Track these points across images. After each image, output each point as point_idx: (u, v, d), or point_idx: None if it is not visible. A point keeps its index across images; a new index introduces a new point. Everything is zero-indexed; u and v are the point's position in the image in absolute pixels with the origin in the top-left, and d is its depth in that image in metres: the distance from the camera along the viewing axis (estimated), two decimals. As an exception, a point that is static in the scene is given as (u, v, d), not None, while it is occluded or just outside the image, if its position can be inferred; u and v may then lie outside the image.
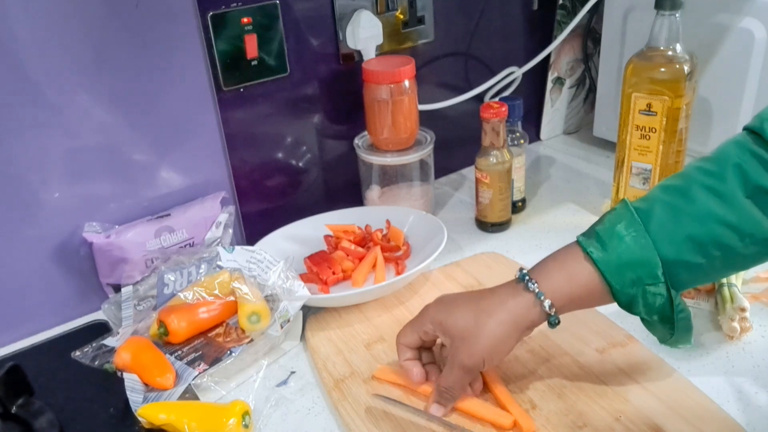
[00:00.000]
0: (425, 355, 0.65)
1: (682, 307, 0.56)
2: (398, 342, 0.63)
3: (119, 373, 0.66)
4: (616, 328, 0.70)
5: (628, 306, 0.57)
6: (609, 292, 0.56)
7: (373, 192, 0.96)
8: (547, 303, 0.57)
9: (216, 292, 0.72)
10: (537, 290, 0.57)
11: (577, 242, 0.58)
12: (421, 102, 0.93)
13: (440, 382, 0.60)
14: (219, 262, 0.75)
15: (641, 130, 0.83)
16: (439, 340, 0.64)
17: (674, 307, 0.55)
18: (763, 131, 0.54)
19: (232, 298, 0.72)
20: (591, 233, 0.58)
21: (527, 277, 0.58)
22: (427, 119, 0.96)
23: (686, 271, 0.55)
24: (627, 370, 0.64)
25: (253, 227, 0.92)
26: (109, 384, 0.66)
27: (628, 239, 0.55)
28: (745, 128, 0.57)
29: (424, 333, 0.61)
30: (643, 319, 0.59)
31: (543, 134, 1.21)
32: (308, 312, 0.77)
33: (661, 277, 0.54)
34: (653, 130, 0.83)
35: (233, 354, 0.67)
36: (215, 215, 0.85)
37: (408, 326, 0.63)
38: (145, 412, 0.61)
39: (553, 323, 0.58)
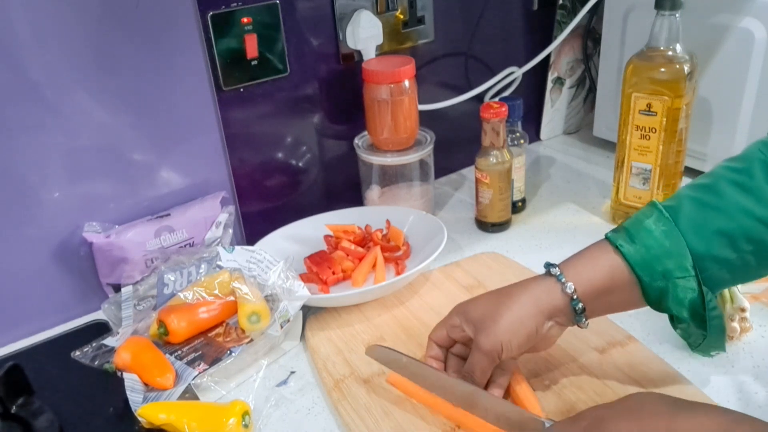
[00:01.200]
0: (454, 362, 0.64)
1: (714, 305, 0.56)
2: (429, 338, 0.64)
3: (119, 373, 0.66)
4: (616, 328, 0.70)
5: (658, 301, 0.57)
6: (638, 285, 0.56)
7: (373, 192, 0.96)
8: (569, 285, 0.56)
9: (216, 292, 0.72)
10: (558, 273, 0.57)
11: (606, 237, 0.58)
12: (421, 102, 0.93)
13: (464, 368, 0.60)
14: (219, 262, 0.75)
15: (641, 130, 0.83)
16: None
17: (706, 304, 0.55)
18: None
19: (232, 298, 0.72)
20: (619, 229, 0.58)
21: (551, 264, 0.59)
22: (427, 119, 0.96)
23: (717, 266, 0.55)
24: (627, 370, 0.64)
25: (253, 227, 0.92)
26: (109, 384, 0.66)
27: (657, 233, 0.55)
28: None
29: (451, 327, 0.61)
30: (674, 321, 0.59)
31: (543, 134, 1.21)
32: (308, 312, 0.77)
33: (692, 270, 0.54)
34: (653, 130, 0.83)
35: (233, 354, 0.67)
36: (215, 215, 0.85)
37: (438, 323, 0.63)
38: (145, 412, 0.61)
39: (577, 309, 0.57)
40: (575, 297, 0.56)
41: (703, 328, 0.57)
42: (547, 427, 0.52)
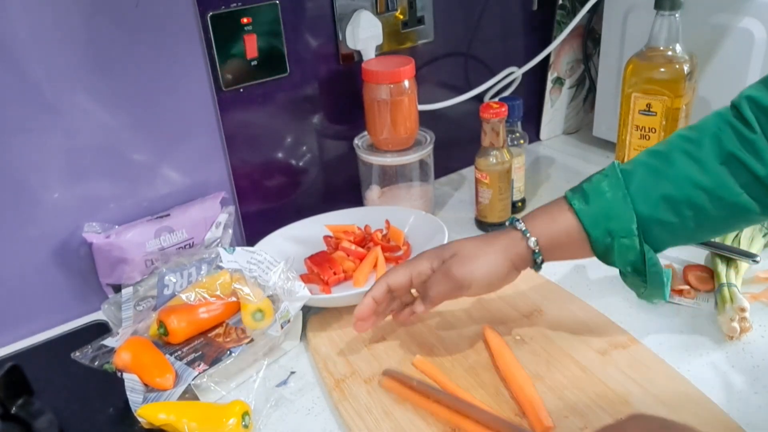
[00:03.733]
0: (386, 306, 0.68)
1: (654, 261, 0.61)
2: (382, 278, 0.66)
3: (119, 374, 0.66)
4: (617, 330, 0.70)
5: (604, 255, 0.62)
6: (587, 240, 0.62)
7: (373, 192, 0.96)
8: (532, 240, 0.63)
9: (217, 292, 0.72)
10: (523, 228, 0.63)
11: (564, 196, 0.64)
12: (421, 102, 0.93)
13: (428, 287, 0.64)
14: (220, 263, 0.75)
15: (641, 130, 0.84)
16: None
17: (646, 261, 0.60)
18: (740, 106, 0.59)
19: (233, 299, 0.71)
20: (578, 188, 0.64)
21: (516, 219, 0.65)
22: (427, 119, 0.96)
23: (660, 228, 0.60)
24: (628, 371, 0.64)
25: (253, 227, 0.92)
26: (109, 384, 0.66)
27: (608, 195, 0.61)
28: (731, 102, 0.62)
29: (418, 274, 0.65)
30: (620, 273, 0.64)
31: (543, 134, 1.21)
32: (309, 312, 0.77)
33: (635, 231, 0.59)
34: (653, 130, 0.83)
35: (233, 354, 0.67)
36: (215, 215, 0.85)
37: (401, 267, 0.66)
38: (144, 412, 0.61)
39: (538, 261, 0.64)
40: (537, 250, 0.63)
41: (644, 280, 0.62)
42: None
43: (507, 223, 0.66)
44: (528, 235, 0.63)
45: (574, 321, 0.71)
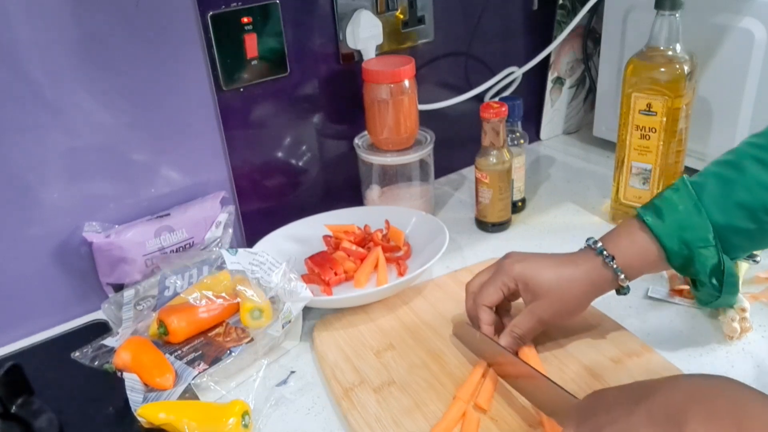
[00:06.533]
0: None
1: (732, 271, 0.62)
2: (480, 303, 0.66)
3: (119, 373, 0.66)
4: (631, 338, 0.68)
5: (683, 268, 0.63)
6: (664, 254, 0.62)
7: (373, 192, 0.96)
8: (622, 275, 0.62)
9: (218, 293, 0.72)
10: (615, 266, 0.62)
11: (637, 213, 0.64)
12: (421, 102, 0.93)
13: (515, 328, 0.65)
14: (223, 265, 0.75)
15: (641, 130, 0.83)
16: None
17: (725, 270, 0.61)
18: None
19: (235, 299, 0.71)
20: (649, 205, 0.64)
21: (604, 252, 0.63)
22: (427, 119, 0.96)
23: (737, 236, 0.60)
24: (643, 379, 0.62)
25: (253, 227, 0.92)
26: (109, 384, 0.66)
27: (681, 207, 0.61)
28: None
29: (507, 289, 0.65)
30: (696, 285, 0.65)
31: (543, 134, 1.21)
32: (309, 312, 0.77)
33: (712, 241, 0.60)
34: (653, 130, 0.83)
35: (233, 354, 0.67)
36: (215, 215, 0.85)
37: (489, 285, 0.66)
38: (144, 411, 0.61)
39: (624, 287, 0.64)
40: (622, 276, 0.62)
41: (719, 289, 0.63)
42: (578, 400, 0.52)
43: (589, 246, 0.65)
44: (620, 273, 0.62)
45: (587, 328, 0.70)
